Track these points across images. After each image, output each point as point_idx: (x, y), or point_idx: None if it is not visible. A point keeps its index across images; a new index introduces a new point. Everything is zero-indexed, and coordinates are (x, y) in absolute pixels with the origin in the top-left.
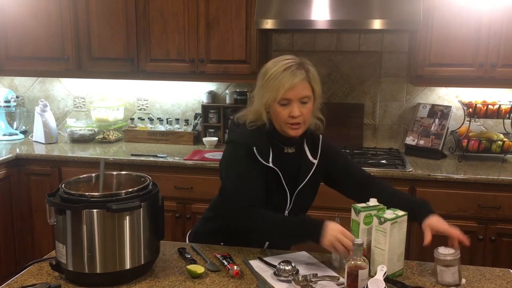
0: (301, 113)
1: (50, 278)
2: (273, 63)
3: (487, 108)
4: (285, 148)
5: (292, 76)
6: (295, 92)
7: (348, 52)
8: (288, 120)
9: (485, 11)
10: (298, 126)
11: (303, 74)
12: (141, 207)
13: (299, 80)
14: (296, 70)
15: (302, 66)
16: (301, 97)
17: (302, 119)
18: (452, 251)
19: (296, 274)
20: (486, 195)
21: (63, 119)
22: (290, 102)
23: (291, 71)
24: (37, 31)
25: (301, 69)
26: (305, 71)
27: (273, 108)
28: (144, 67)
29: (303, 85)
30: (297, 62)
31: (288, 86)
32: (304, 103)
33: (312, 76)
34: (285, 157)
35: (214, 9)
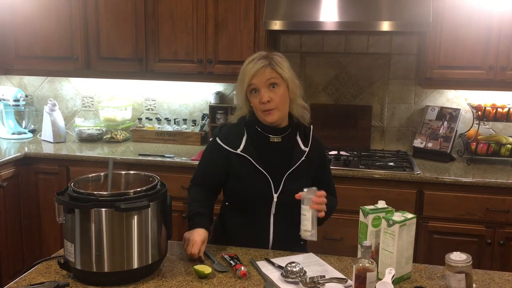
0: (270, 98)
1: (58, 277)
2: (247, 59)
3: (496, 111)
4: (270, 137)
5: (254, 64)
6: (259, 78)
7: (357, 54)
8: (261, 107)
9: (496, 13)
10: (271, 112)
11: (264, 62)
12: (150, 207)
13: (259, 66)
14: (258, 60)
15: (265, 56)
16: (265, 81)
17: (274, 105)
18: (464, 257)
19: (304, 275)
20: (495, 199)
21: (72, 119)
22: (258, 89)
23: (254, 62)
24: (46, 30)
25: (264, 58)
26: (267, 60)
27: (249, 98)
28: (152, 67)
29: (267, 71)
30: (262, 55)
31: (251, 74)
32: (273, 88)
33: (276, 62)
34: (271, 145)
35: (223, 10)
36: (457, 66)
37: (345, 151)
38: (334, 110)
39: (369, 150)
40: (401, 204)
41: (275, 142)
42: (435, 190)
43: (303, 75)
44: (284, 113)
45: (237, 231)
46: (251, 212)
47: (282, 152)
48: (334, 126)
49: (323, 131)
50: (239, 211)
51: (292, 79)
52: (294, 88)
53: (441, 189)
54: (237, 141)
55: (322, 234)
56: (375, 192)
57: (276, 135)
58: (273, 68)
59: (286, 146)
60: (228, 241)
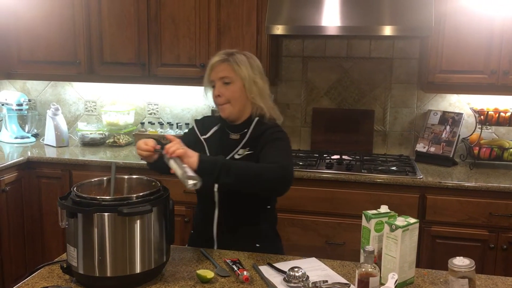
0: (220, 93)
1: (61, 281)
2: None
3: (499, 115)
4: (230, 134)
5: (212, 61)
6: (215, 73)
7: (359, 58)
8: (215, 100)
9: (498, 18)
10: (224, 107)
11: (222, 57)
12: (152, 211)
13: (216, 61)
14: (219, 55)
15: (228, 53)
16: (220, 77)
17: (224, 100)
18: (467, 262)
19: (306, 280)
20: (498, 203)
21: (74, 123)
22: (215, 84)
23: (213, 58)
24: (49, 35)
25: (224, 54)
26: (227, 55)
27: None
28: (155, 72)
29: (223, 67)
30: (227, 52)
31: (209, 68)
32: (227, 83)
33: (235, 59)
34: (229, 142)
35: (225, 14)
36: (459, 70)
37: (347, 155)
38: (336, 114)
39: (372, 154)
40: (403, 208)
41: (233, 139)
42: (437, 194)
43: (305, 80)
44: (237, 111)
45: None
46: (200, 201)
47: (234, 148)
48: (336, 131)
49: (325, 135)
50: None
51: (250, 79)
52: (252, 88)
53: (444, 194)
54: (209, 129)
55: (325, 239)
56: (377, 197)
57: (235, 132)
58: (229, 64)
59: (238, 143)
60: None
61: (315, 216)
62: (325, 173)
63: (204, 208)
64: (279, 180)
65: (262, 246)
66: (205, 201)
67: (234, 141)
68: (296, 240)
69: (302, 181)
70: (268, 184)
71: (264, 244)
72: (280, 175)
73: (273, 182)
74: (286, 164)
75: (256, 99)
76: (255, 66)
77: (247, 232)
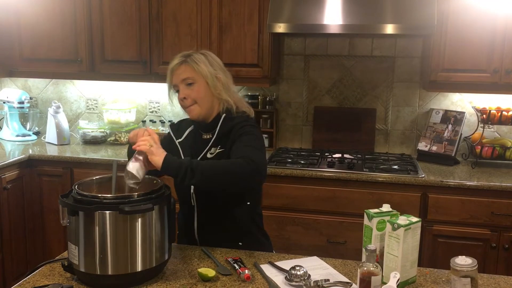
0: (185, 95)
1: (62, 279)
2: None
3: (501, 114)
4: (203, 134)
5: (171, 64)
6: (176, 76)
7: (361, 57)
8: (182, 104)
9: (500, 16)
10: (191, 108)
11: (180, 59)
12: (154, 210)
13: (175, 64)
14: (175, 59)
15: (186, 54)
16: (182, 79)
17: (190, 101)
18: (470, 261)
19: (308, 279)
20: (500, 203)
21: (76, 121)
22: (178, 87)
23: (173, 60)
24: (51, 33)
25: (181, 57)
26: (184, 57)
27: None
28: (156, 70)
29: (182, 68)
30: (184, 53)
31: (169, 72)
32: (190, 85)
33: (193, 59)
34: (202, 142)
35: (227, 13)
36: (462, 69)
37: (349, 154)
38: (338, 113)
39: (373, 153)
40: (405, 207)
41: (206, 138)
42: (439, 193)
43: (307, 78)
44: (206, 109)
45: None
46: (180, 204)
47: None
48: (338, 129)
49: (327, 134)
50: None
51: (212, 75)
52: (216, 84)
53: (446, 193)
54: (183, 131)
55: (326, 238)
56: (379, 196)
57: (206, 131)
58: (188, 65)
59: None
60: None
61: (316, 215)
62: (326, 172)
63: (184, 209)
64: (247, 174)
65: (245, 244)
66: (184, 203)
67: (206, 140)
68: (297, 239)
69: (303, 180)
70: (236, 179)
71: (247, 242)
72: (247, 169)
73: (240, 177)
74: (254, 157)
75: (222, 94)
76: (214, 62)
77: (228, 231)
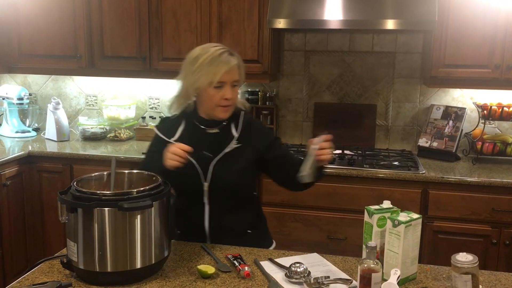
0: (232, 96)
1: (61, 276)
2: (203, 50)
3: (502, 110)
4: (207, 129)
5: (228, 61)
6: (230, 76)
7: (361, 53)
8: (221, 103)
9: (502, 11)
10: (228, 108)
11: (236, 60)
12: (153, 206)
13: (233, 65)
14: (229, 56)
15: (232, 53)
16: (233, 80)
17: (233, 102)
18: (471, 258)
19: (308, 276)
20: (500, 199)
21: (75, 117)
22: (223, 85)
23: (226, 57)
24: (50, 29)
25: (233, 56)
26: (236, 58)
27: (206, 91)
28: (156, 66)
29: (236, 70)
30: (227, 50)
31: (224, 70)
32: (234, 87)
33: (241, 63)
34: (208, 136)
35: (227, 8)
36: (463, 64)
37: (349, 150)
38: (338, 109)
39: (374, 149)
40: (405, 203)
41: (212, 132)
42: (440, 189)
43: (307, 74)
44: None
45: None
46: (185, 201)
47: (217, 142)
48: (338, 125)
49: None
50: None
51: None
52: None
53: (446, 189)
54: (173, 131)
55: (327, 234)
56: (379, 192)
57: (212, 127)
58: (239, 68)
59: (221, 136)
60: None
61: (317, 211)
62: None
63: (192, 207)
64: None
65: (253, 232)
66: (192, 201)
67: (215, 134)
68: (297, 235)
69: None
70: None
71: (254, 230)
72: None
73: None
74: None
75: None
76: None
77: (238, 222)
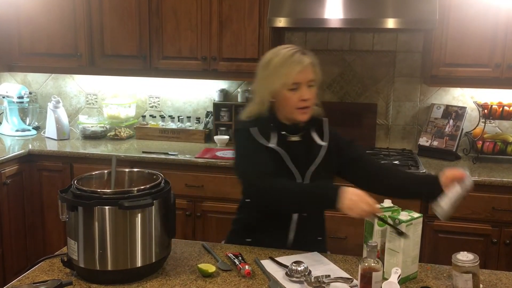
0: (310, 97)
1: (62, 275)
2: (274, 53)
3: (503, 109)
4: (288, 136)
5: (300, 60)
6: (304, 76)
7: (362, 52)
8: (299, 104)
9: (503, 10)
10: (307, 110)
11: (309, 59)
12: (153, 205)
13: (307, 63)
14: (301, 55)
15: (305, 52)
16: (309, 80)
17: (311, 103)
18: (471, 257)
19: (309, 275)
20: (501, 198)
21: (75, 116)
22: (299, 86)
23: (298, 56)
24: (50, 27)
25: (306, 54)
26: (309, 57)
27: (282, 94)
28: (156, 65)
29: (310, 69)
30: (299, 49)
31: (298, 70)
32: (311, 87)
33: (315, 62)
34: (290, 144)
35: (227, 7)
36: (463, 63)
37: None
38: (338, 108)
39: (374, 148)
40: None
41: (294, 141)
42: None
43: None
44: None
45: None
46: (275, 210)
47: (301, 150)
48: (339, 124)
49: None
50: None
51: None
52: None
53: None
54: (267, 134)
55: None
56: None
57: (292, 133)
58: (314, 67)
59: (303, 143)
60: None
61: None
62: None
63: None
64: None
65: (322, 239)
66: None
67: (298, 142)
68: None
69: None
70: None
71: (323, 236)
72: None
73: None
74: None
75: (317, 99)
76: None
77: (317, 228)
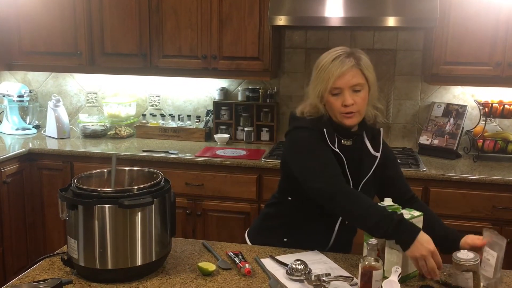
0: (354, 102)
1: (62, 273)
2: (323, 56)
3: (503, 108)
4: (342, 140)
5: (340, 64)
6: (345, 81)
7: (362, 50)
8: (342, 110)
9: (503, 8)
10: (352, 115)
11: (352, 62)
12: (153, 204)
13: (347, 67)
14: (344, 58)
15: (351, 54)
16: (351, 85)
17: (356, 108)
18: (472, 255)
19: (309, 273)
20: (501, 196)
21: (76, 114)
22: (341, 91)
23: (340, 60)
24: (50, 26)
25: (350, 57)
26: (354, 59)
27: (326, 99)
28: (156, 63)
29: (353, 73)
30: (346, 52)
31: (337, 75)
32: (357, 91)
33: (364, 64)
34: (343, 148)
35: (227, 5)
36: (464, 62)
37: None
38: None
39: None
40: None
41: (346, 145)
42: (441, 187)
43: (308, 71)
44: (362, 117)
45: (299, 230)
46: (320, 213)
47: (353, 156)
48: None
49: None
50: (304, 210)
51: (375, 82)
52: (375, 91)
53: (447, 187)
54: (333, 137)
55: None
56: None
57: (346, 137)
58: (361, 70)
59: (355, 150)
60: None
61: None
62: None
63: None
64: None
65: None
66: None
67: (350, 147)
68: None
69: None
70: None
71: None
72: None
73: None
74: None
75: (373, 101)
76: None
77: (351, 230)
